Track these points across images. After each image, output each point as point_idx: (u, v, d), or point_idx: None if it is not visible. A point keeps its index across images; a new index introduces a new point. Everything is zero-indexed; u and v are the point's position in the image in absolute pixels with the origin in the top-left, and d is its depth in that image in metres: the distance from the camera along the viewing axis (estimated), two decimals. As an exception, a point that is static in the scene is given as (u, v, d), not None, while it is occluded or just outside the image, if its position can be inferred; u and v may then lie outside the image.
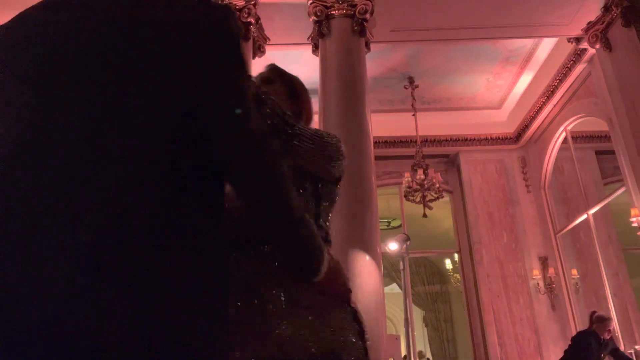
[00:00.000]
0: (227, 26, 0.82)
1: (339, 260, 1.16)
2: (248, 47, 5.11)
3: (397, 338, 4.83)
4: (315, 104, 5.00)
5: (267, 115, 1.16)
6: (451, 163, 8.57)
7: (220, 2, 0.98)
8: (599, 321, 5.03)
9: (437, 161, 8.30)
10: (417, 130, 7.05)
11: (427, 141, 7.93)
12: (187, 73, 0.76)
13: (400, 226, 8.30)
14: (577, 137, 7.31)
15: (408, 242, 4.85)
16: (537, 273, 7.49)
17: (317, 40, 5.20)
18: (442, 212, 8.54)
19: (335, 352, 1.11)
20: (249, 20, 5.13)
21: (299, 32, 5.45)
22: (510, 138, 8.29)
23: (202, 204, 0.77)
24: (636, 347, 5.76)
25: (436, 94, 7.58)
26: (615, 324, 6.24)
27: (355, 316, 1.26)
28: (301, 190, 1.25)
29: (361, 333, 1.22)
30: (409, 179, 6.69)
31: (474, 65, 6.98)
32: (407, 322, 4.77)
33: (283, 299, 1.10)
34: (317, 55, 5.24)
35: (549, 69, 6.84)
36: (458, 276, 9.19)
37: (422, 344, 11.29)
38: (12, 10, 0.86)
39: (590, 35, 5.77)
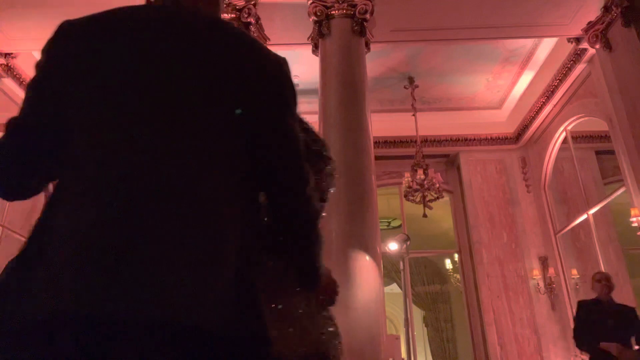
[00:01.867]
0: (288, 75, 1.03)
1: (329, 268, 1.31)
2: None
3: (397, 338, 4.83)
4: (316, 104, 5.00)
5: (312, 142, 1.39)
6: (451, 163, 8.57)
7: (222, 1, 1.10)
8: (593, 281, 4.47)
9: (437, 161, 8.30)
10: (417, 130, 7.05)
11: (427, 141, 7.92)
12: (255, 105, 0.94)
13: (400, 226, 8.31)
14: (577, 137, 7.31)
15: (408, 242, 4.84)
16: (537, 273, 7.49)
17: (317, 40, 5.20)
18: (442, 212, 8.54)
19: (323, 352, 1.23)
20: (249, 20, 5.13)
21: (299, 32, 5.45)
22: (510, 138, 8.29)
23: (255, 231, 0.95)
24: (636, 347, 5.74)
25: (436, 94, 7.58)
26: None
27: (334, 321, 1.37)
28: None
29: (339, 337, 1.35)
30: (409, 179, 6.69)
31: (474, 65, 6.98)
32: (407, 322, 4.77)
33: (280, 307, 1.20)
34: (317, 55, 5.24)
35: (549, 69, 6.84)
36: (458, 276, 9.19)
37: (422, 344, 11.29)
38: (14, 9, 0.86)
39: (590, 35, 5.77)
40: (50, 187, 0.99)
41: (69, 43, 0.92)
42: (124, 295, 0.72)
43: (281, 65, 1.02)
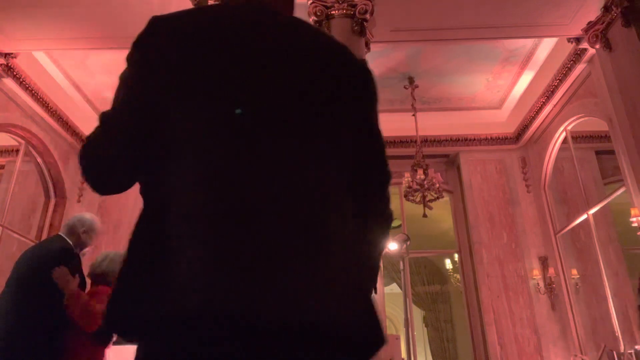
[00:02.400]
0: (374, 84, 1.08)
1: None
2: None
3: (397, 338, 4.83)
4: (315, 104, 5.00)
5: None
6: (451, 163, 8.57)
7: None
8: None
9: (437, 161, 8.30)
10: (417, 130, 7.05)
11: (427, 141, 7.93)
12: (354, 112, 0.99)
13: (400, 226, 8.31)
14: (577, 137, 7.31)
15: (408, 242, 4.84)
16: (537, 273, 7.49)
17: (317, 40, 5.20)
18: (442, 212, 8.54)
19: None
20: (249, 20, 5.13)
21: (299, 32, 5.45)
22: (510, 138, 8.29)
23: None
24: (636, 347, 5.75)
25: (436, 94, 7.58)
26: (615, 324, 6.25)
27: None
28: None
29: None
30: (409, 179, 6.69)
31: (474, 65, 6.98)
32: (407, 322, 4.77)
33: None
34: (317, 55, 5.24)
35: (549, 69, 6.84)
36: (458, 276, 9.19)
37: (422, 344, 11.29)
38: (14, 9, 0.86)
39: (590, 35, 5.77)
40: None
41: (166, 38, 0.90)
42: (270, 298, 0.72)
43: (368, 67, 1.06)
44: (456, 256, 8.84)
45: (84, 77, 6.86)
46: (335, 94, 0.95)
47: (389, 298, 10.35)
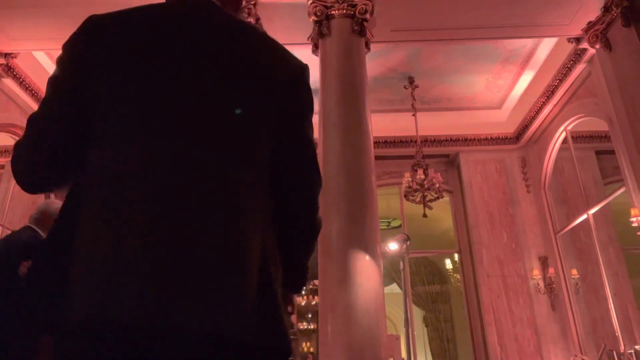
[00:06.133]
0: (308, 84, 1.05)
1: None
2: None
3: (397, 338, 4.82)
4: (316, 104, 5.00)
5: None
6: (451, 163, 8.57)
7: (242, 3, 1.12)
8: None
9: (437, 161, 8.30)
10: (417, 130, 7.05)
11: (427, 141, 7.93)
12: (283, 113, 0.97)
13: (400, 226, 8.32)
14: (577, 137, 7.31)
15: (408, 242, 4.84)
16: (537, 273, 7.49)
17: (317, 40, 5.20)
18: (442, 212, 8.54)
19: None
20: (248, 20, 5.13)
21: (299, 32, 5.45)
22: (510, 138, 8.29)
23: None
24: (636, 347, 5.75)
25: (436, 94, 7.58)
26: (615, 324, 6.25)
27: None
28: None
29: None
30: (409, 179, 6.69)
31: (474, 65, 6.98)
32: (407, 322, 4.76)
33: None
34: (317, 55, 5.24)
35: (549, 69, 6.84)
36: (458, 276, 9.19)
37: (422, 344, 11.29)
38: (14, 9, 0.86)
39: (590, 35, 5.77)
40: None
41: (97, 40, 0.90)
42: (169, 306, 0.74)
43: (304, 71, 1.03)
44: (456, 256, 8.84)
45: (84, 77, 6.86)
46: (260, 101, 0.94)
47: (389, 298, 10.35)
